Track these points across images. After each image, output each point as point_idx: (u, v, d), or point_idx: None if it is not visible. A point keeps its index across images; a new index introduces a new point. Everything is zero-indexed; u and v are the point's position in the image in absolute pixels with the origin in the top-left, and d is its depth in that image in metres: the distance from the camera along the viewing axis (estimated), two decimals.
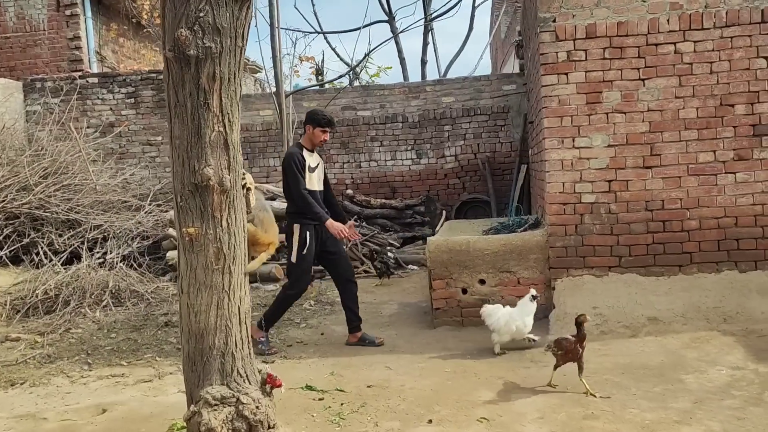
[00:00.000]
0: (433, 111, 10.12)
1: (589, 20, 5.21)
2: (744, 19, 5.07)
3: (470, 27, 15.40)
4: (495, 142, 9.99)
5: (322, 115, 5.20)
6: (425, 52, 14.94)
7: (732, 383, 3.93)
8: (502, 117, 9.95)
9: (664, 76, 5.17)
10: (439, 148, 10.12)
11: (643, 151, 5.24)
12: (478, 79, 10.21)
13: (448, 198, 10.14)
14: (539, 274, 5.50)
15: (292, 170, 5.03)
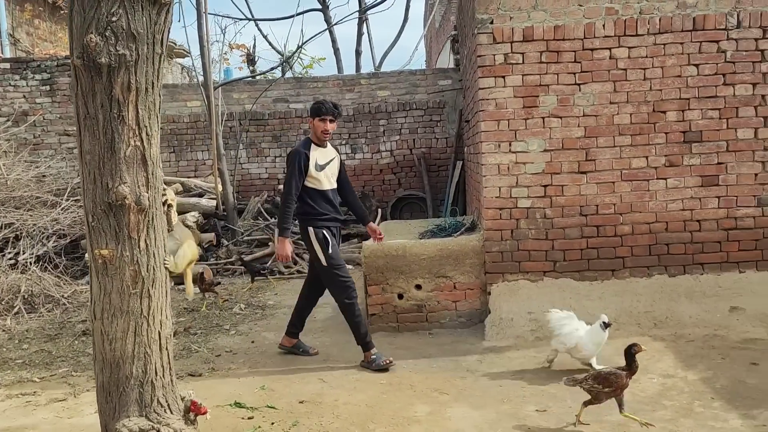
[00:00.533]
0: (368, 105, 9.94)
1: (526, 23, 5.14)
2: (676, 26, 5.11)
3: (405, 18, 15.26)
4: (431, 137, 9.92)
5: (320, 104, 4.72)
6: (360, 42, 14.72)
7: (663, 392, 3.96)
8: (438, 112, 9.88)
9: (600, 81, 5.17)
10: (374, 143, 9.97)
11: (578, 156, 5.23)
12: (413, 73, 10.09)
13: (383, 194, 10.01)
14: (475, 279, 5.44)
15: (289, 169, 4.67)
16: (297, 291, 7.21)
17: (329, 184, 4.75)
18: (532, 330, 5.08)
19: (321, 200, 4.69)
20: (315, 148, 4.72)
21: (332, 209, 4.76)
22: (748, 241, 5.24)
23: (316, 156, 4.68)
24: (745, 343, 4.63)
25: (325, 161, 4.74)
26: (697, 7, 5.09)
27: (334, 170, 4.84)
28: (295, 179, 4.60)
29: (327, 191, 4.72)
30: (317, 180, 4.68)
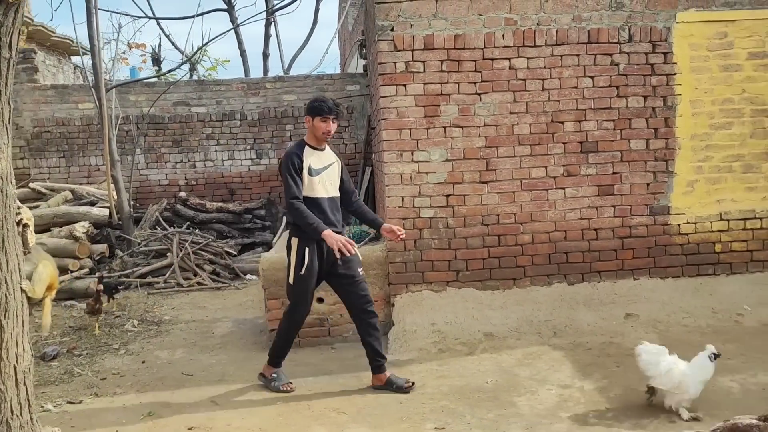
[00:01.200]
0: (274, 109, 9.68)
1: (427, 31, 5.08)
2: (572, 38, 5.19)
3: (315, 20, 15.04)
4: (339, 143, 9.75)
5: (320, 101, 4.18)
6: (267, 44, 14.37)
7: (561, 404, 3.96)
8: (346, 118, 9.72)
9: (500, 91, 5.18)
10: (280, 148, 9.70)
11: (479, 165, 5.22)
12: (321, 78, 9.91)
13: None
14: (379, 290, 5.33)
15: (284, 175, 4.16)
16: (196, 304, 6.98)
17: (325, 192, 4.22)
18: (435, 342, 5.01)
19: (312, 209, 4.11)
20: (310, 151, 4.22)
21: (325, 219, 4.15)
22: (641, 249, 5.38)
23: (311, 160, 4.18)
24: None
25: (321, 166, 4.22)
26: (592, 21, 5.19)
27: (333, 177, 4.30)
28: (294, 181, 4.10)
29: (322, 200, 4.19)
30: (309, 187, 4.16)
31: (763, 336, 4.87)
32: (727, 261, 5.44)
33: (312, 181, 4.15)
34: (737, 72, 5.31)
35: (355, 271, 4.27)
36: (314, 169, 4.18)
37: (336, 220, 4.26)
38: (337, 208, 4.32)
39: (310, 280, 4.20)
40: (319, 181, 4.18)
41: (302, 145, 4.25)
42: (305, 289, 4.23)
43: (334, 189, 4.30)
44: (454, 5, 5.08)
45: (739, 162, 5.38)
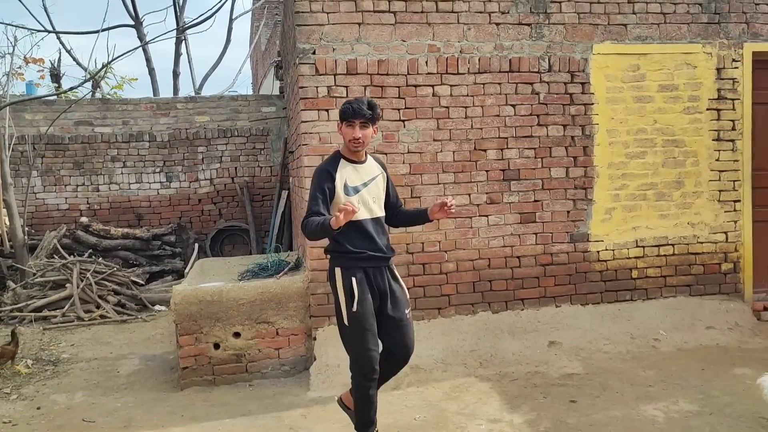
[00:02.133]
0: (185, 130, 9.26)
1: (350, 55, 4.94)
2: (494, 67, 5.20)
3: (228, 39, 14.67)
4: (254, 166, 9.45)
5: (346, 103, 3.50)
6: (178, 63, 13.85)
7: None
8: (262, 140, 9.45)
9: (423, 118, 5.10)
10: (192, 171, 9.29)
11: (403, 193, 5.09)
12: (235, 99, 9.59)
13: (202, 225, 9.35)
14: (300, 324, 5.09)
15: (312, 191, 3.49)
16: (99, 339, 6.47)
17: (368, 212, 3.51)
18: None
19: (354, 234, 3.44)
20: (345, 164, 3.52)
21: (370, 244, 3.49)
22: (562, 275, 5.42)
23: (346, 175, 3.49)
24: (563, 379, 4.72)
25: (361, 182, 3.52)
26: (513, 50, 5.23)
27: (377, 193, 3.59)
28: (318, 204, 3.41)
29: (365, 222, 3.48)
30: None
31: (678, 361, 4.98)
32: (643, 287, 5.57)
33: (350, 201, 3.37)
34: (649, 103, 5.48)
35: (403, 313, 3.60)
36: (351, 187, 3.49)
37: (384, 245, 3.55)
38: (384, 230, 3.63)
39: (367, 315, 3.44)
40: (360, 199, 3.47)
41: (337, 158, 3.54)
42: (364, 327, 3.43)
43: (379, 207, 3.60)
44: (377, 30, 4.98)
45: (653, 190, 5.54)
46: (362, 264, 3.48)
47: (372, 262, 3.51)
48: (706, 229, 5.68)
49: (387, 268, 3.60)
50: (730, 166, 5.70)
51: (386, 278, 3.57)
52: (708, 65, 5.61)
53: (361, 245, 3.48)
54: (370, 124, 3.48)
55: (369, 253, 3.48)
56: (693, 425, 3.89)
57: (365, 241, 3.49)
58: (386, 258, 3.58)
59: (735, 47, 5.65)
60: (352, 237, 3.46)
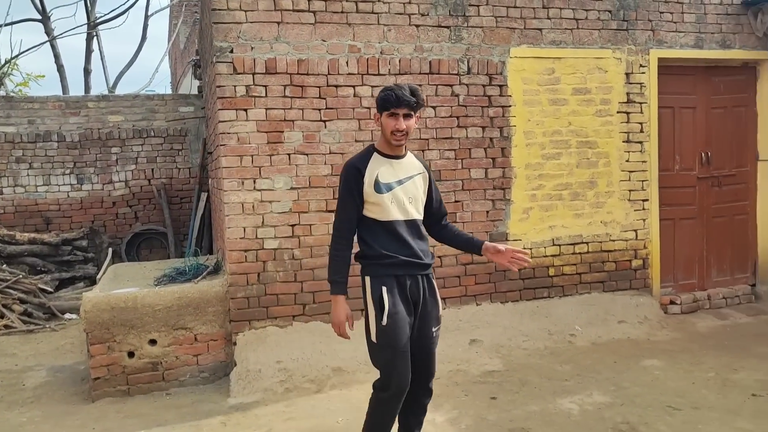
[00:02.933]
0: (97, 130, 8.86)
1: (269, 54, 4.85)
2: (415, 68, 5.23)
3: (143, 36, 14.19)
4: (172, 167, 9.15)
5: (387, 90, 3.11)
6: (89, 60, 13.26)
7: None
8: (180, 141, 9.16)
9: (345, 118, 5.07)
10: (105, 173, 8.90)
11: (326, 194, 5.06)
12: (151, 98, 9.26)
13: (117, 229, 8.97)
14: (219, 329, 4.95)
15: (340, 191, 3.19)
16: (2, 351, 6.09)
17: (401, 213, 3.13)
18: (282, 381, 4.73)
19: (384, 236, 3.11)
20: (379, 158, 3.15)
21: (403, 248, 3.11)
22: (483, 274, 5.51)
23: (379, 170, 3.11)
24: (484, 376, 4.79)
25: (395, 179, 3.14)
26: (433, 52, 5.27)
27: (415, 193, 3.20)
28: (346, 209, 3.13)
29: (397, 223, 3.12)
30: (377, 206, 3.11)
31: (593, 355, 5.16)
32: (560, 284, 5.74)
33: (381, 199, 3.09)
34: (564, 106, 5.66)
35: (430, 331, 3.19)
36: (383, 183, 3.10)
37: (421, 251, 3.16)
38: (421, 234, 3.23)
39: (399, 330, 3.03)
40: (393, 198, 3.11)
41: (369, 152, 3.19)
42: (395, 345, 3.02)
43: (416, 209, 3.21)
44: (296, 29, 4.91)
45: (568, 190, 5.72)
46: (395, 271, 3.08)
47: (407, 269, 3.11)
48: (618, 228, 5.92)
49: (424, 278, 3.18)
50: (639, 167, 5.96)
51: (422, 289, 3.15)
52: (618, 70, 5.84)
53: (392, 248, 3.10)
54: (413, 113, 3.10)
55: (403, 258, 3.09)
56: (606, 416, 4.03)
57: (398, 244, 3.11)
58: (424, 265, 3.16)
59: (642, 53, 5.91)
60: (384, 239, 3.10)
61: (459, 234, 3.43)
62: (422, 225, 3.25)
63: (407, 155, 3.24)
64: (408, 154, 3.25)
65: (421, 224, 3.24)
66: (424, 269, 3.17)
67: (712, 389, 4.40)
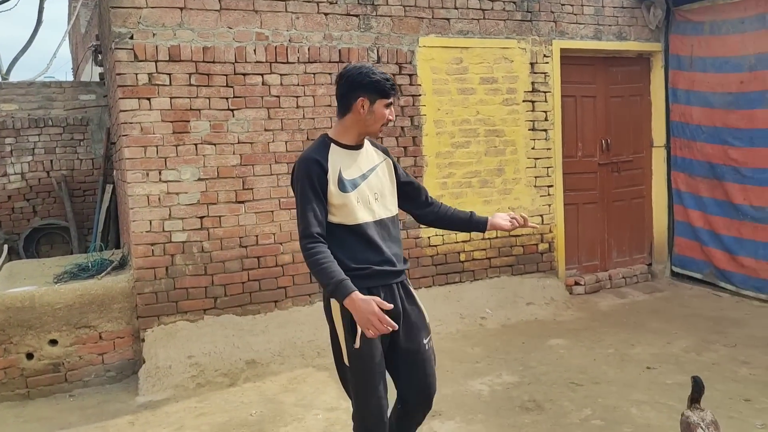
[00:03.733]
0: None
1: (172, 41, 4.69)
2: (324, 57, 5.20)
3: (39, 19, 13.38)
4: (73, 158, 8.68)
5: (380, 79, 2.63)
6: None
7: (328, 428, 3.89)
8: (81, 130, 8.69)
9: (254, 107, 4.98)
10: None
11: (235, 185, 4.97)
12: (48, 86, 8.74)
13: (14, 225, 8.44)
14: (126, 326, 4.79)
15: (297, 194, 2.63)
16: None
17: (369, 213, 2.68)
18: (193, 376, 4.64)
19: (353, 243, 2.65)
20: (338, 150, 2.68)
21: (375, 255, 2.67)
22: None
23: (340, 164, 2.65)
24: None
25: (359, 173, 2.70)
26: (342, 40, 5.26)
27: (380, 186, 2.76)
28: (307, 206, 2.58)
29: (366, 226, 2.67)
30: (343, 208, 2.63)
31: (502, 337, 5.33)
32: (471, 269, 5.89)
33: (346, 199, 2.63)
34: (472, 95, 5.78)
35: (420, 344, 2.75)
36: (348, 180, 2.65)
37: (394, 255, 2.72)
38: (394, 235, 2.78)
39: (374, 352, 2.62)
40: (359, 196, 2.66)
41: (325, 144, 2.68)
42: (369, 368, 2.63)
43: (385, 205, 2.76)
44: (201, 16, 4.77)
45: (477, 178, 5.86)
46: (366, 284, 2.59)
47: (378, 279, 2.66)
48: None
49: (399, 286, 2.74)
50: (544, 154, 6.18)
51: (398, 299, 2.71)
52: (523, 60, 6.02)
53: (364, 258, 2.64)
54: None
55: (374, 269, 2.64)
56: (514, 395, 4.18)
57: (368, 251, 2.66)
58: (397, 272, 2.73)
59: (545, 44, 6.11)
60: (352, 247, 2.64)
61: (455, 213, 3.00)
62: (393, 223, 2.78)
63: (366, 145, 2.78)
64: (366, 143, 2.78)
65: (391, 223, 2.77)
66: (398, 276, 2.73)
67: (612, 364, 4.65)
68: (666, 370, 4.47)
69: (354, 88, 2.63)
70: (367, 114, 2.63)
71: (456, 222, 3.02)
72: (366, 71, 2.63)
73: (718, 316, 5.64)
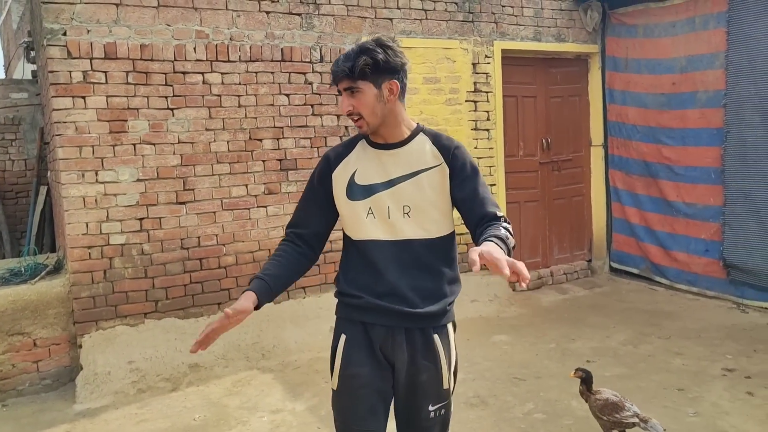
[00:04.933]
0: None
1: (108, 38, 4.56)
2: (266, 56, 5.14)
3: None
4: (4, 159, 8.33)
5: (393, 44, 2.09)
6: None
7: (273, 430, 3.85)
8: (13, 130, 8.35)
9: (194, 106, 4.89)
10: None
11: (176, 185, 4.86)
12: None
13: None
14: (62, 332, 4.63)
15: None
16: None
17: (382, 230, 2.11)
18: (134, 382, 4.52)
19: (357, 262, 2.17)
20: (366, 149, 2.18)
21: (377, 284, 2.11)
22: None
23: (359, 166, 2.16)
24: None
25: (384, 177, 2.12)
26: (285, 39, 5.21)
27: (417, 199, 2.11)
28: (301, 204, 2.26)
29: (370, 244, 2.12)
30: (349, 218, 2.17)
31: None
32: None
33: (352, 208, 2.13)
34: (416, 95, 5.82)
35: (420, 409, 2.14)
36: (359, 186, 2.13)
37: (413, 290, 2.10)
38: (426, 264, 2.12)
39: (357, 402, 2.13)
40: (371, 207, 2.11)
41: (355, 140, 2.23)
42: (347, 422, 2.16)
43: (420, 224, 2.11)
44: (138, 13, 4.65)
45: None
46: (360, 316, 2.13)
47: (375, 316, 2.11)
48: None
49: (414, 333, 2.13)
50: (487, 153, 6.27)
51: (407, 349, 2.12)
52: (465, 60, 6.09)
53: (363, 284, 2.12)
54: (361, 84, 2.02)
55: (367, 300, 2.10)
56: (459, 392, 4.17)
57: (371, 277, 2.11)
58: (408, 315, 2.09)
59: (487, 44, 6.21)
60: (355, 267, 2.16)
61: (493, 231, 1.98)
62: (429, 249, 2.11)
63: (413, 140, 2.14)
64: (417, 138, 2.14)
65: (425, 248, 2.11)
66: (408, 320, 2.10)
67: (553, 359, 4.76)
68: (605, 363, 4.60)
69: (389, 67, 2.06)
70: (391, 97, 2.08)
71: None
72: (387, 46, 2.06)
73: (653, 309, 5.84)
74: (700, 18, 5.88)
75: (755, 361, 4.48)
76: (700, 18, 5.87)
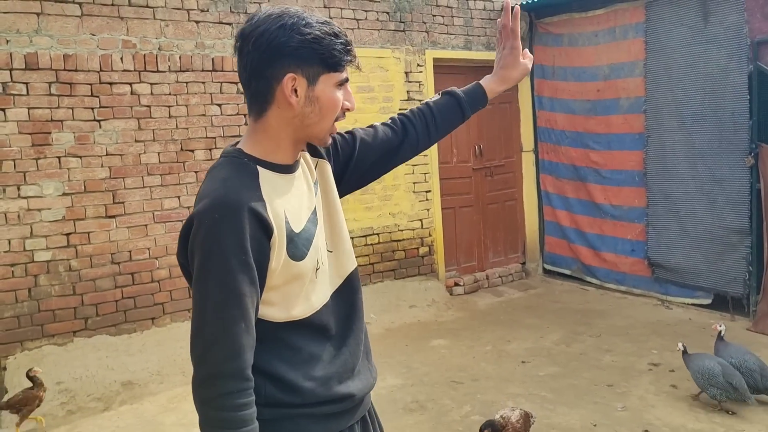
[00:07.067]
0: None
1: (29, 48, 4.41)
2: (197, 65, 5.08)
3: None
4: None
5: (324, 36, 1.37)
6: None
7: None
8: None
9: (122, 118, 4.78)
10: None
11: (104, 198, 4.74)
12: None
13: None
14: None
15: (210, 285, 1.28)
16: None
17: (328, 284, 1.47)
18: (63, 403, 4.36)
19: (309, 347, 1.42)
20: (271, 177, 1.38)
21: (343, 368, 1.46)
22: None
23: (282, 205, 1.36)
24: None
25: (308, 211, 1.43)
26: (215, 49, 5.16)
27: (337, 217, 1.52)
28: (241, 312, 1.28)
29: (320, 315, 1.43)
30: (292, 289, 1.38)
31: (387, 341, 5.42)
32: None
33: (299, 272, 1.37)
34: None
35: None
36: (299, 235, 1.38)
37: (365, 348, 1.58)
38: (357, 304, 1.53)
39: None
40: (317, 257, 1.42)
41: (249, 170, 1.37)
42: None
43: (345, 252, 1.53)
44: (60, 22, 4.52)
45: None
46: (338, 425, 1.47)
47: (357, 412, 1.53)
48: (405, 218, 6.27)
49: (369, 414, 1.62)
50: (421, 160, 6.36)
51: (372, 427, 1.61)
52: (398, 69, 6.17)
53: (324, 375, 1.43)
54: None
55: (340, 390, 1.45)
56: (398, 397, 4.26)
57: (330, 358, 1.45)
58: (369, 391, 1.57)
59: (419, 53, 6.30)
60: (307, 356, 1.42)
61: (435, 108, 1.74)
62: (357, 283, 1.55)
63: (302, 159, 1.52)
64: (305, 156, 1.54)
65: (353, 285, 1.53)
66: (369, 400, 1.61)
67: (490, 361, 4.85)
68: (539, 363, 4.72)
69: (280, 59, 1.36)
70: (301, 105, 1.38)
71: (446, 113, 1.76)
72: (294, 24, 1.35)
73: (585, 308, 6.04)
74: (620, 28, 6.14)
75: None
76: (620, 28, 6.13)
